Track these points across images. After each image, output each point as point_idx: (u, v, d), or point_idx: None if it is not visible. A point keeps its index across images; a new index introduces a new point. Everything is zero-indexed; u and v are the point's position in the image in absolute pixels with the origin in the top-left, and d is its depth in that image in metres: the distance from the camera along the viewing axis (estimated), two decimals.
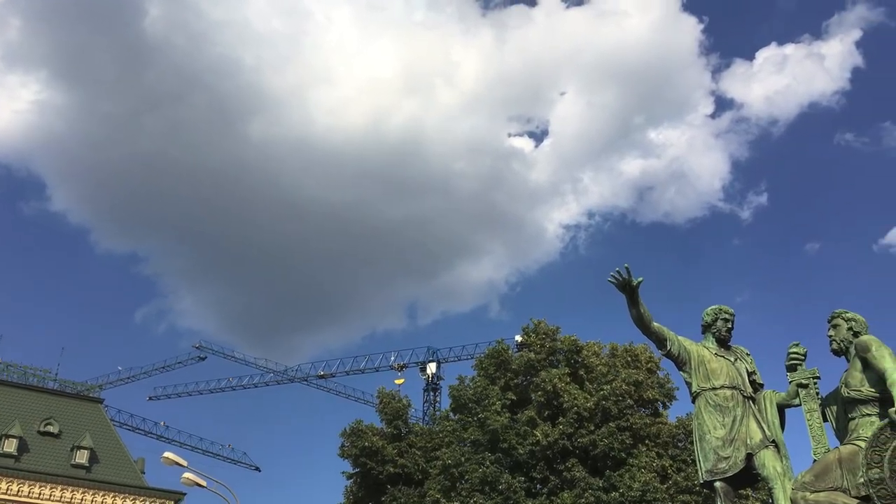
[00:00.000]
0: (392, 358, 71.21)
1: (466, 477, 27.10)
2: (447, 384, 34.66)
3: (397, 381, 64.79)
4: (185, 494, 44.92)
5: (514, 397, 29.43)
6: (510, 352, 31.22)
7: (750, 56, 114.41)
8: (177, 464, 25.10)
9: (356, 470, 30.28)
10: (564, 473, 26.52)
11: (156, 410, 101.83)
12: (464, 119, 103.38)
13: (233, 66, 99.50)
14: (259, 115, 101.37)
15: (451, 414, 31.40)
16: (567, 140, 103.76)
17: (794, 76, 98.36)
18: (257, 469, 73.01)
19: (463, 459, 27.48)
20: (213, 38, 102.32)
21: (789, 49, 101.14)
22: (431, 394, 69.27)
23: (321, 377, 72.33)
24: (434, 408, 64.81)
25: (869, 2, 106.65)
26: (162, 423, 70.08)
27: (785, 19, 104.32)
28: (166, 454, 25.25)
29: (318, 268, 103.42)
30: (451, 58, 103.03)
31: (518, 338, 35.41)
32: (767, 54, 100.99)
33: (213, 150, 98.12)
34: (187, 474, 25.21)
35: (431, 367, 69.63)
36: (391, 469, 28.97)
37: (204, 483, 25.41)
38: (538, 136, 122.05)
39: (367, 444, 29.29)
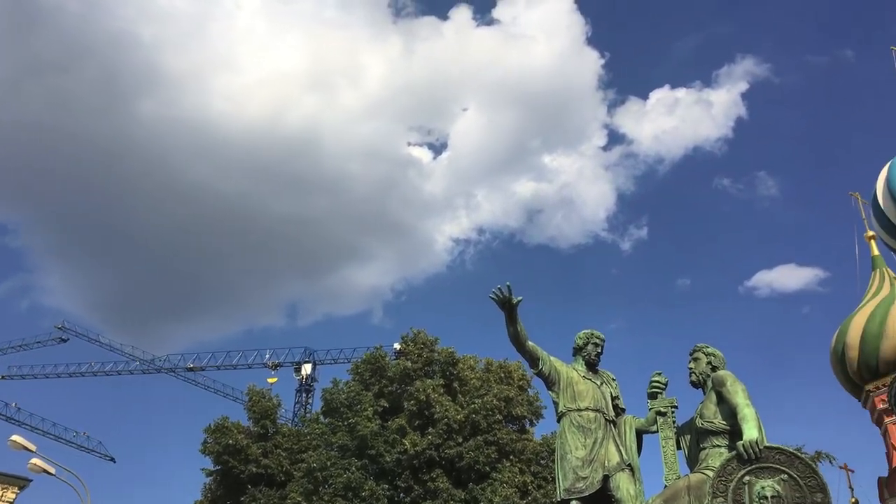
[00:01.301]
0: (267, 356, 69.69)
1: (330, 482, 26.82)
2: (321, 386, 34.20)
3: (270, 380, 63.44)
4: (30, 481, 42.26)
5: (386, 404, 29.38)
6: (387, 359, 31.17)
7: (644, 95, 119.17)
8: (25, 448, 23.75)
9: (217, 468, 29.42)
10: (429, 484, 26.65)
11: (7, 391, 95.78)
12: (364, 122, 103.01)
13: (130, 40, 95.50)
14: (153, 95, 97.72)
15: (321, 417, 31.02)
16: (465, 155, 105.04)
17: (682, 119, 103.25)
18: (112, 460, 69.69)
19: (329, 464, 27.19)
20: (111, 9, 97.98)
21: (681, 93, 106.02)
22: (304, 395, 68.22)
23: (190, 370, 69.98)
24: (305, 409, 63.84)
25: (756, 57, 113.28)
26: (13, 405, 66.07)
27: (679, 65, 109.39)
28: (14, 437, 23.85)
29: (200, 257, 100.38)
30: (358, 60, 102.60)
31: (397, 345, 35.40)
32: (660, 95, 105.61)
33: (100, 125, 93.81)
34: (35, 460, 23.88)
35: (306, 368, 68.60)
36: (254, 469, 28.31)
37: (52, 471, 24.12)
38: (437, 149, 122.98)
39: (231, 441, 28.51)
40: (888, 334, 32.19)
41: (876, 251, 35.75)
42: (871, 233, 34.46)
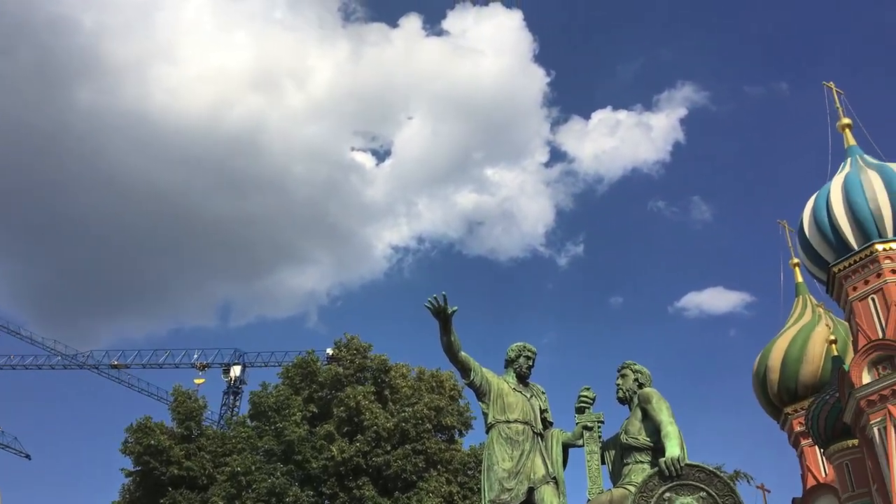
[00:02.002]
0: (195, 356, 68.26)
1: (254, 486, 26.38)
2: (250, 389, 33.66)
3: (197, 381, 62.09)
4: None
5: (315, 410, 29.09)
6: (319, 364, 30.87)
7: (587, 115, 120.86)
8: None
9: (137, 468, 28.64)
10: (354, 491, 26.46)
11: None
12: (308, 125, 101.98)
13: (70, 25, 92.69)
14: (91, 82, 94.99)
15: (248, 420, 30.51)
16: (408, 163, 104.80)
17: (622, 140, 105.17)
18: (27, 457, 67.29)
19: (253, 468, 26.75)
20: None
21: (622, 115, 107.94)
22: (231, 397, 67.06)
23: (114, 367, 68.08)
24: (232, 412, 62.74)
25: (696, 84, 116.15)
26: None
27: (622, 87, 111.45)
28: None
29: (131, 251, 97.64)
30: (305, 62, 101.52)
31: (329, 351, 35.11)
32: (602, 116, 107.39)
33: (34, 111, 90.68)
34: None
35: (236, 370, 67.46)
36: (175, 471, 27.64)
37: None
38: (381, 155, 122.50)
39: (153, 442, 27.80)
40: (808, 359, 33.31)
41: (800, 278, 37.04)
42: (796, 260, 35.66)
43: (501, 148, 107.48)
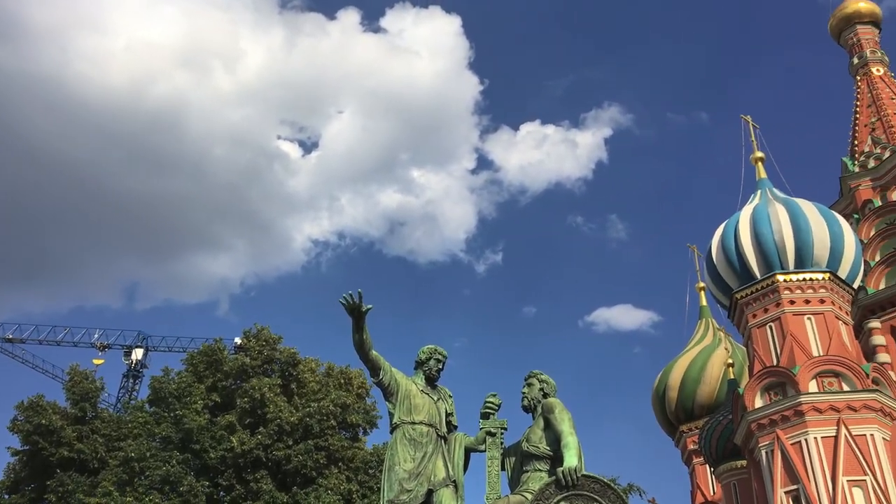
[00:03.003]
0: (96, 335, 66.10)
1: (148, 473, 25.69)
2: (151, 374, 32.73)
3: (96, 361, 60.03)
4: None
5: (218, 399, 28.53)
6: (226, 352, 30.29)
7: (516, 126, 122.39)
8: None
9: (25, 447, 27.52)
10: (252, 484, 26.07)
11: None
12: (235, 108, 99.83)
13: None
14: (7, 44, 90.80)
15: (146, 405, 29.69)
16: (334, 157, 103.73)
17: (548, 154, 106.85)
18: None
19: (148, 454, 26.04)
20: None
21: (550, 129, 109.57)
22: (131, 381, 65.12)
23: (8, 341, 65.22)
24: (130, 396, 60.94)
25: (622, 106, 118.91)
26: None
27: (552, 102, 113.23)
28: None
29: (37, 223, 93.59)
30: (237, 45, 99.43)
31: (237, 340, 34.53)
32: (530, 129, 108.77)
33: None
34: None
35: (137, 353, 65.56)
36: (65, 452, 26.66)
37: None
38: (307, 147, 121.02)
39: (43, 421, 26.76)
40: (706, 380, 34.51)
41: (704, 302, 38.36)
42: (702, 284, 36.92)
43: (429, 151, 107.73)
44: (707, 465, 32.32)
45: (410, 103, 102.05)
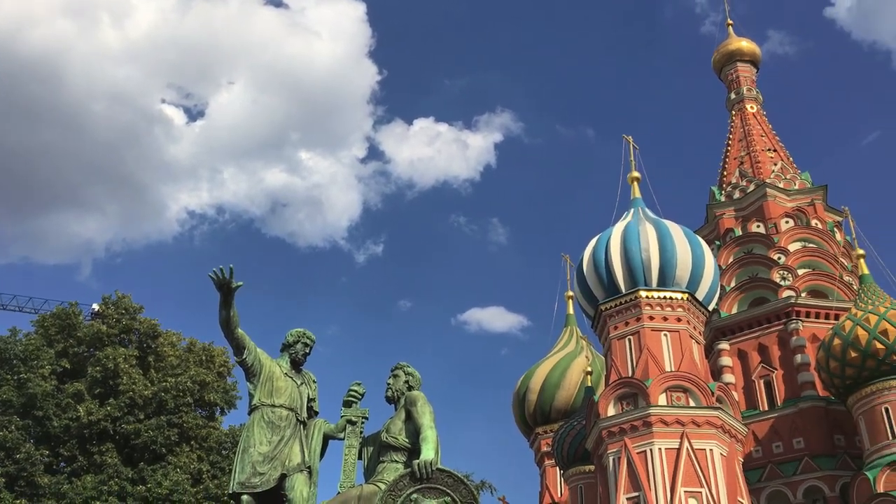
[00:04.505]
0: None
1: None
2: None
3: None
4: None
5: (68, 366, 27.14)
6: (81, 318, 28.83)
7: (409, 121, 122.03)
8: None
9: None
10: (96, 456, 24.95)
11: None
12: (119, 65, 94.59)
13: None
14: None
15: None
16: (221, 129, 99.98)
17: (439, 152, 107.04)
18: None
19: None
20: None
21: (443, 128, 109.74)
22: None
23: None
24: None
25: (514, 114, 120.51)
26: None
27: (448, 101, 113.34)
28: None
29: None
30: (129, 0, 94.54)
31: (95, 306, 32.91)
32: (424, 125, 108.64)
33: None
34: None
35: None
36: None
37: None
38: (192, 114, 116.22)
39: None
40: (565, 386, 35.69)
41: (571, 310, 39.66)
42: (570, 293, 38.13)
43: (320, 134, 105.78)
44: (557, 468, 33.45)
45: (305, 83, 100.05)
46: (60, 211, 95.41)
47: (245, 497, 9.34)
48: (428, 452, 8.71)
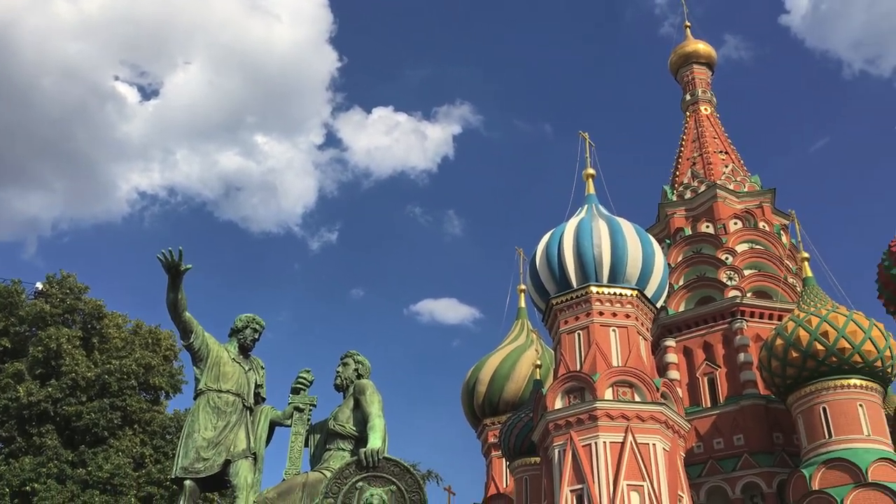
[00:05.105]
0: None
1: None
2: None
3: None
4: None
5: (8, 345, 26.45)
6: (23, 296, 28.11)
7: (368, 109, 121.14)
8: None
9: None
10: (35, 438, 24.41)
11: None
12: (72, 40, 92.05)
13: None
14: None
15: None
16: (175, 109, 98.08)
17: (397, 142, 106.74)
18: None
19: None
20: None
21: (402, 117, 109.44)
22: None
23: None
24: None
25: (473, 106, 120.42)
26: None
27: (407, 91, 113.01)
28: None
29: None
30: None
31: (39, 285, 32.11)
32: (383, 114, 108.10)
33: None
34: None
35: None
36: None
37: None
38: (147, 93, 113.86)
39: None
40: (514, 378, 36.00)
41: (523, 304, 39.99)
42: (523, 286, 38.43)
43: (277, 118, 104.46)
44: (504, 459, 33.75)
45: (264, 66, 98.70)
46: (5, 187, 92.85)
47: (188, 482, 9.23)
48: (375, 441, 8.71)
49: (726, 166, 39.69)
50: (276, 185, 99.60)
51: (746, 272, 33.52)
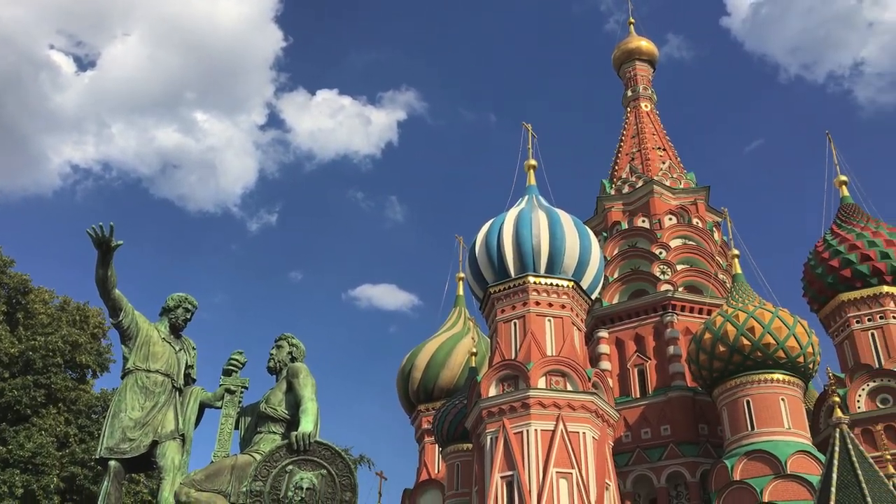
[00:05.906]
0: None
1: None
2: None
3: None
4: None
5: None
6: None
7: (313, 91, 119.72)
8: None
9: None
10: None
11: None
12: (6, 5, 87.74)
13: None
14: None
15: None
16: (112, 81, 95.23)
17: (341, 125, 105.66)
18: None
19: None
20: None
21: (346, 101, 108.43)
22: None
23: None
24: None
25: (418, 93, 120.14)
26: None
27: (352, 74, 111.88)
28: None
29: None
30: None
31: None
32: (327, 97, 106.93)
33: None
34: None
35: None
36: None
37: None
38: (83, 64, 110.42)
39: None
40: (449, 365, 36.20)
41: (461, 291, 40.18)
42: (462, 274, 38.64)
43: (218, 96, 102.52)
44: (437, 445, 33.96)
45: (206, 42, 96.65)
46: None
47: (113, 462, 9.03)
48: (306, 424, 8.65)
49: (664, 163, 40.47)
50: (216, 163, 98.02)
51: (679, 267, 34.31)
